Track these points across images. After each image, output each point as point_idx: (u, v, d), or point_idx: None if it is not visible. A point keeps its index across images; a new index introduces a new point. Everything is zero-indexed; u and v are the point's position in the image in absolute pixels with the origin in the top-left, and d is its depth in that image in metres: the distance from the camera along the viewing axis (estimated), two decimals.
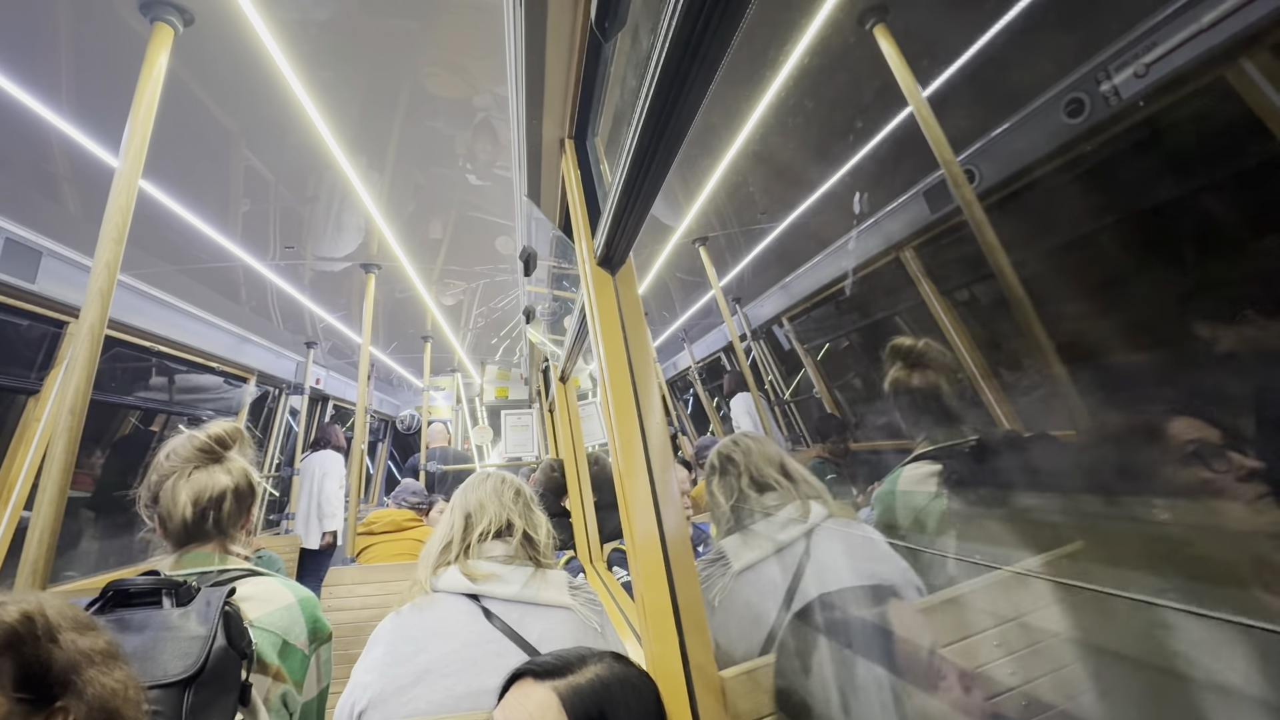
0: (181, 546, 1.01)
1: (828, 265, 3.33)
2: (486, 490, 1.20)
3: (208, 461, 1.05)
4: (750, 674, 0.92)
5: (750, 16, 0.54)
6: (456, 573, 1.04)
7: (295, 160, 2.22)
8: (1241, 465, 0.62)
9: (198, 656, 0.75)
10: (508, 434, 5.59)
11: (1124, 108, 1.54)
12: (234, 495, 1.04)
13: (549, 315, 2.72)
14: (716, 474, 1.33)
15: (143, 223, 2.37)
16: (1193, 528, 0.65)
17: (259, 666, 0.89)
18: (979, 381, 2.02)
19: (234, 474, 1.06)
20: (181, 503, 0.99)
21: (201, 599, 0.84)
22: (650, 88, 0.63)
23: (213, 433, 1.07)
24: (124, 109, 1.40)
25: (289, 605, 0.99)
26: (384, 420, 7.67)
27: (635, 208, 0.86)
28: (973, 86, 1.81)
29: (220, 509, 1.02)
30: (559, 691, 0.68)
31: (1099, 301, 1.20)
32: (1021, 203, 1.93)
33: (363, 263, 3.29)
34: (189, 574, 0.96)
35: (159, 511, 1.00)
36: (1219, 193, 1.24)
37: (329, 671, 1.07)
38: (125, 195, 1.34)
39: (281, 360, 4.54)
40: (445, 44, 1.74)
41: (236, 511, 1.05)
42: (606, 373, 1.00)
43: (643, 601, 0.94)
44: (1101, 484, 0.73)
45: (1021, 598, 0.91)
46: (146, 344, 3.08)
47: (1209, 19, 1.35)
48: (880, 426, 3.13)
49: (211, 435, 1.07)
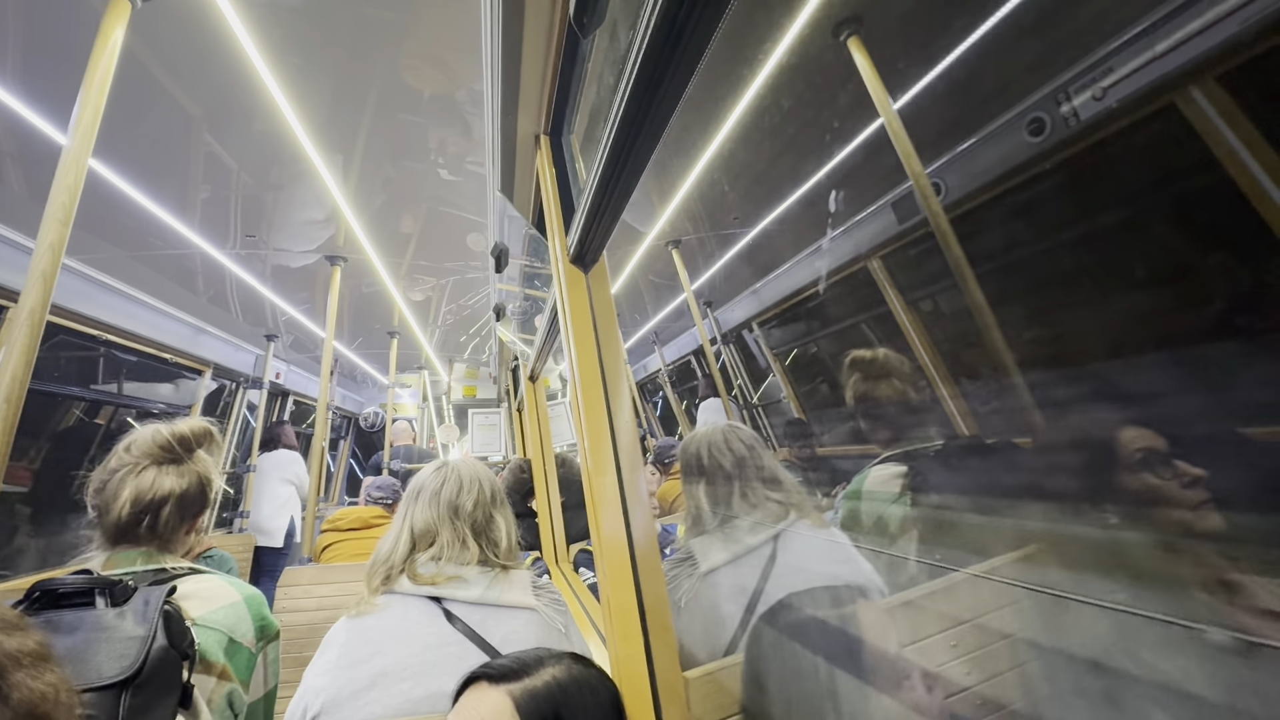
0: (114, 545, 0.96)
1: (798, 272, 3.39)
2: (441, 508, 1.07)
3: (165, 461, 0.99)
4: (714, 675, 0.92)
5: (729, 19, 0.54)
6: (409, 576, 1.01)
7: (260, 148, 2.15)
8: (1186, 473, 0.65)
9: (135, 657, 0.72)
10: (475, 433, 5.51)
11: (1083, 128, 1.60)
12: (177, 502, 0.98)
13: (520, 314, 2.69)
14: (696, 471, 1.29)
15: (93, 205, 2.28)
16: (1140, 532, 0.67)
17: (202, 666, 0.85)
18: (940, 388, 2.07)
19: (186, 478, 1.00)
20: (120, 500, 0.94)
21: (139, 598, 0.80)
22: (628, 85, 0.63)
23: (177, 431, 1.02)
24: (75, 85, 1.33)
25: (234, 603, 0.95)
26: (347, 417, 7.48)
27: (610, 206, 0.86)
28: (941, 102, 1.86)
29: (158, 515, 0.96)
30: (513, 695, 0.67)
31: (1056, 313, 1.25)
32: (985, 216, 1.99)
33: (328, 254, 3.21)
34: (123, 573, 0.91)
35: (99, 503, 0.96)
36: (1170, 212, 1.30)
37: (277, 671, 1.03)
38: (73, 175, 1.28)
39: (240, 353, 4.39)
40: (421, 35, 1.71)
41: (178, 519, 0.99)
42: (577, 371, 0.99)
43: (608, 602, 0.93)
44: (1056, 489, 0.75)
45: (980, 599, 0.93)
46: (94, 332, 2.94)
47: (1162, 47, 1.42)
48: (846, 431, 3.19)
49: (175, 434, 1.01)
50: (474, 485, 1.12)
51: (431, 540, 1.05)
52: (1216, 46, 1.31)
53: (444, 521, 1.06)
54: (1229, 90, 1.33)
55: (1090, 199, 1.63)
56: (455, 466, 1.16)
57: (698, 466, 1.28)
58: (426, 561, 1.02)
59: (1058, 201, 1.79)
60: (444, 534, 1.05)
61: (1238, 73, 1.31)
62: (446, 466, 1.16)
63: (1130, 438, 0.70)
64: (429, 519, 1.06)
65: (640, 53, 0.58)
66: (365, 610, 0.97)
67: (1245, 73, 1.31)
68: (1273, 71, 1.28)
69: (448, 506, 1.08)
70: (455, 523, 1.06)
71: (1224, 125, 1.33)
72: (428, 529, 1.05)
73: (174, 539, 1.00)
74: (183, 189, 2.37)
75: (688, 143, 2.18)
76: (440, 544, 1.04)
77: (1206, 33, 1.32)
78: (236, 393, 4.56)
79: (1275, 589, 0.58)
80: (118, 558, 0.95)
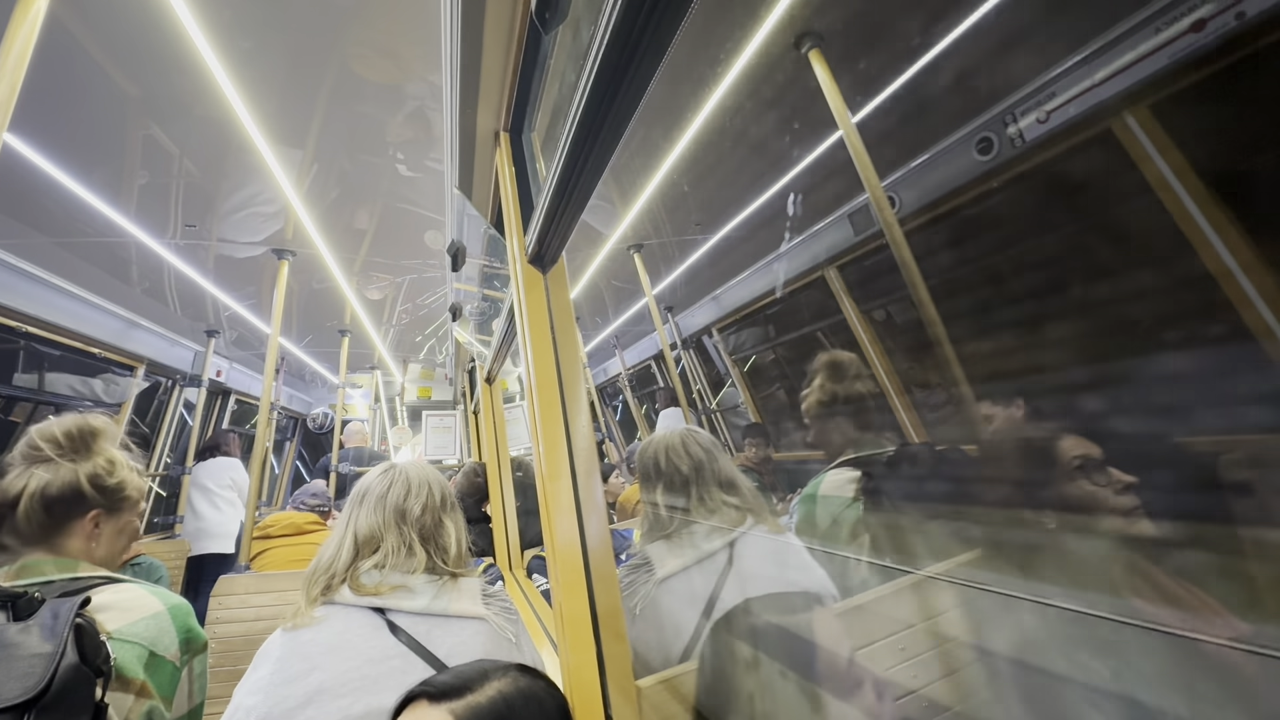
0: (17, 551, 0.89)
1: (757, 280, 3.44)
2: (386, 513, 1.02)
3: (35, 460, 0.93)
4: (668, 682, 0.91)
5: (691, 23, 0.54)
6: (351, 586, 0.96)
7: (205, 134, 2.04)
8: (1119, 480, 0.68)
9: (40, 677, 0.66)
10: (429, 435, 5.38)
11: (1028, 149, 1.67)
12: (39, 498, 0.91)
13: (477, 314, 2.64)
14: (654, 475, 1.26)
15: (13, 187, 2.12)
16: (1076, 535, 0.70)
17: (119, 683, 0.79)
18: (892, 396, 2.13)
19: (56, 474, 0.93)
20: (12, 501, 0.89)
21: (47, 611, 0.74)
22: (588, 83, 0.62)
23: (46, 431, 0.96)
24: None
25: (156, 614, 0.89)
26: (293, 418, 7.19)
27: (569, 206, 0.84)
28: (897, 117, 1.92)
29: (14, 514, 0.90)
30: (455, 714, 0.64)
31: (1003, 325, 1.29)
32: (937, 230, 2.06)
33: (275, 248, 3.07)
34: (30, 584, 0.85)
35: None
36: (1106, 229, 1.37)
37: (204, 686, 0.97)
38: None
39: (177, 349, 4.16)
40: (378, 25, 1.66)
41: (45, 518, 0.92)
42: (533, 373, 0.97)
43: (560, 609, 0.91)
44: (1000, 495, 0.78)
45: (928, 602, 0.95)
46: (12, 324, 2.74)
47: (1101, 75, 1.50)
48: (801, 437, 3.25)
49: (44, 433, 0.95)
50: (423, 489, 1.07)
51: (375, 547, 0.99)
52: (1148, 77, 1.39)
53: (389, 527, 1.01)
54: (1159, 119, 1.41)
55: (1034, 216, 1.71)
56: (404, 469, 1.11)
57: (655, 470, 1.26)
58: (370, 570, 0.97)
59: (1004, 218, 1.86)
60: (389, 540, 1.00)
61: (1166, 103, 1.40)
62: (394, 469, 1.10)
63: (1069, 446, 0.73)
64: (373, 524, 1.01)
65: (601, 51, 0.57)
66: (302, 623, 0.91)
67: (1173, 103, 1.39)
68: (1198, 103, 1.37)
69: (394, 511, 1.03)
70: (402, 528, 1.01)
71: (1154, 151, 1.41)
72: (372, 535, 1.00)
73: (48, 541, 0.92)
74: (117, 174, 2.23)
75: (650, 146, 2.18)
76: (385, 550, 0.99)
77: (1139, 64, 1.40)
78: (172, 390, 4.32)
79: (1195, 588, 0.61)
80: (29, 566, 0.88)
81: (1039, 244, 1.56)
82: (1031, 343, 1.20)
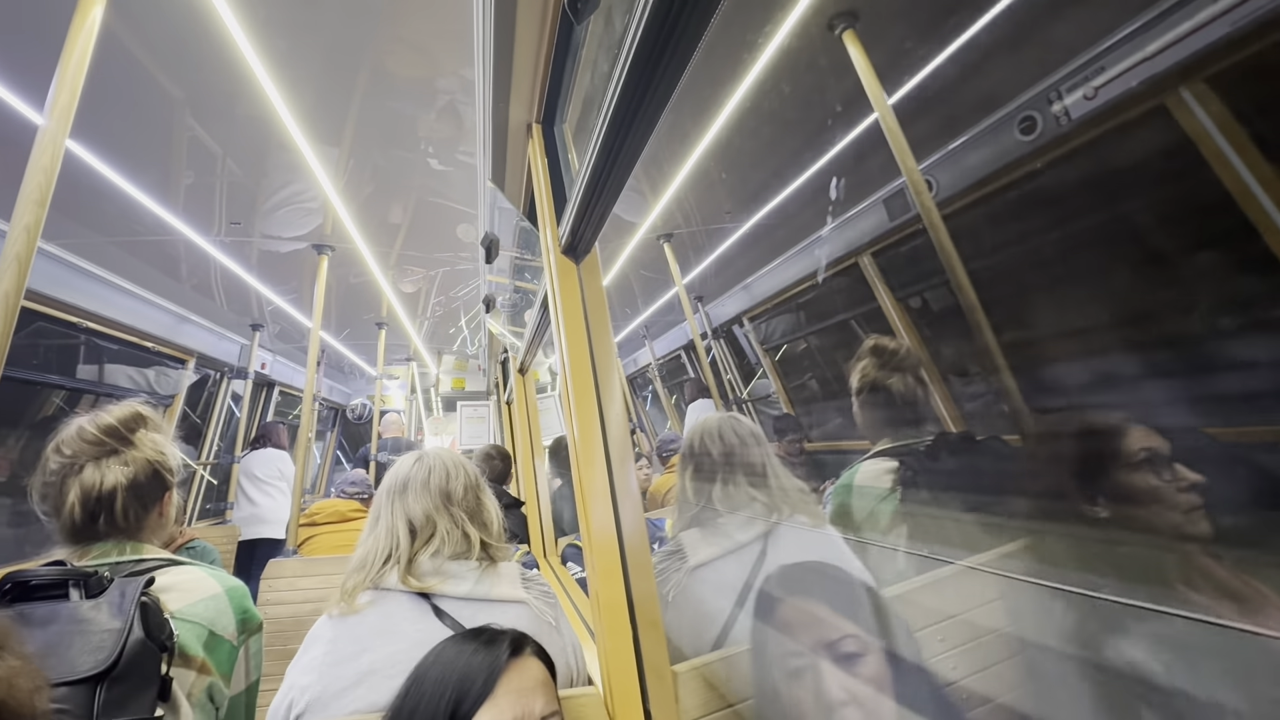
0: (74, 546, 0.92)
1: (788, 268, 3.39)
2: (434, 496, 1.05)
3: (102, 454, 0.94)
4: (703, 669, 0.92)
5: (724, 8, 0.53)
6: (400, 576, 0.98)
7: (245, 133, 2.11)
8: (1185, 478, 0.66)
9: (111, 650, 0.70)
10: (463, 426, 5.48)
11: (1074, 127, 1.60)
12: (130, 491, 0.94)
13: (509, 306, 2.67)
14: (693, 462, 1.26)
15: (72, 189, 2.22)
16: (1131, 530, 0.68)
17: (181, 659, 0.83)
18: (929, 385, 2.08)
19: (132, 465, 0.95)
20: (69, 502, 0.90)
21: (115, 589, 0.78)
22: (622, 73, 0.62)
23: (102, 421, 0.96)
24: (51, 64, 1.29)
25: (215, 595, 0.93)
26: (333, 409, 7.41)
27: (603, 196, 0.84)
28: (934, 98, 1.86)
29: (112, 509, 0.92)
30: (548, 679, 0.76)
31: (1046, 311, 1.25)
32: (976, 214, 1.99)
33: (315, 243, 3.16)
34: (99, 564, 0.89)
35: (48, 509, 0.92)
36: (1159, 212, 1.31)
37: (259, 664, 1.01)
38: (50, 155, 1.24)
39: (224, 343, 4.32)
40: (411, 21, 1.68)
41: (139, 508, 0.95)
42: (567, 361, 0.98)
43: (597, 596, 0.92)
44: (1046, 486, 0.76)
45: (970, 592, 0.93)
46: (73, 319, 2.88)
47: (1153, 48, 1.42)
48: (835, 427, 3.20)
49: (101, 425, 0.96)
50: (459, 470, 1.11)
51: (431, 533, 1.03)
52: (1205, 49, 1.31)
53: (440, 511, 1.05)
54: (1217, 93, 1.34)
55: (1081, 198, 1.64)
56: (436, 455, 1.14)
57: (692, 455, 1.27)
58: (426, 558, 1.00)
59: (1049, 200, 1.79)
60: (441, 524, 1.03)
61: (1226, 76, 1.32)
62: (427, 455, 1.14)
63: (1137, 437, 0.71)
64: (426, 508, 1.05)
65: (635, 40, 0.57)
66: (350, 609, 0.95)
67: (1233, 76, 1.31)
68: (1260, 75, 1.29)
69: (440, 494, 1.06)
70: (451, 510, 1.05)
71: (1213, 127, 1.34)
72: (427, 520, 1.04)
73: (141, 527, 0.97)
74: (165, 174, 2.32)
75: (680, 135, 2.16)
76: (440, 536, 1.02)
77: (1195, 34, 1.33)
78: (221, 383, 4.50)
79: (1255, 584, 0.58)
80: (95, 549, 0.93)
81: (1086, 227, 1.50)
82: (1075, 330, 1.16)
